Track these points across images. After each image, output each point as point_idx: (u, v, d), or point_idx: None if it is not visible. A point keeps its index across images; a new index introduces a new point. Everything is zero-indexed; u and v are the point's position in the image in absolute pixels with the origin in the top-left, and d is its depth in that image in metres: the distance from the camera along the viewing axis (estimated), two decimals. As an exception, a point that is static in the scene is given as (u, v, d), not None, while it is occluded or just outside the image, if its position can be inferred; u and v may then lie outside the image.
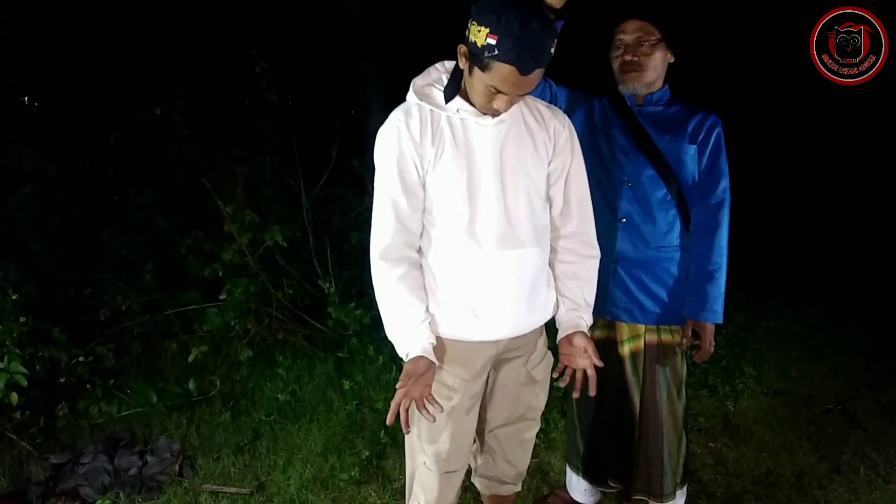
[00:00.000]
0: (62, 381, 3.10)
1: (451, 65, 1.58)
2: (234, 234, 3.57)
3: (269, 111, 3.77)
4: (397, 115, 1.57)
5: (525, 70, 1.38)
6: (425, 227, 1.61)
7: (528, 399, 1.81)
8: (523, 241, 1.60)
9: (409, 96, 1.58)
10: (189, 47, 4.49)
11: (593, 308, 1.75)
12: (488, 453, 1.89)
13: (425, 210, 1.59)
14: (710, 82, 4.00)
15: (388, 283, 1.58)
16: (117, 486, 2.57)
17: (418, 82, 1.58)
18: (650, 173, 1.95)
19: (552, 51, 1.41)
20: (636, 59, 1.91)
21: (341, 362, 3.60)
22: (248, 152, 3.88)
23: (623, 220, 1.98)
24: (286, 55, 4.49)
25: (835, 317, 4.21)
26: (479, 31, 1.37)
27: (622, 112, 1.99)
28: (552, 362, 1.82)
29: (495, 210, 1.57)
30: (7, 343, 2.76)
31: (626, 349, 2.04)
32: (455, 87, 1.55)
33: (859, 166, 5.19)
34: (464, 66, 1.48)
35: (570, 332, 1.69)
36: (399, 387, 1.50)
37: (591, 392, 1.65)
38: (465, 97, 1.53)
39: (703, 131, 1.95)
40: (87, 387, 3.17)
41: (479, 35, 1.37)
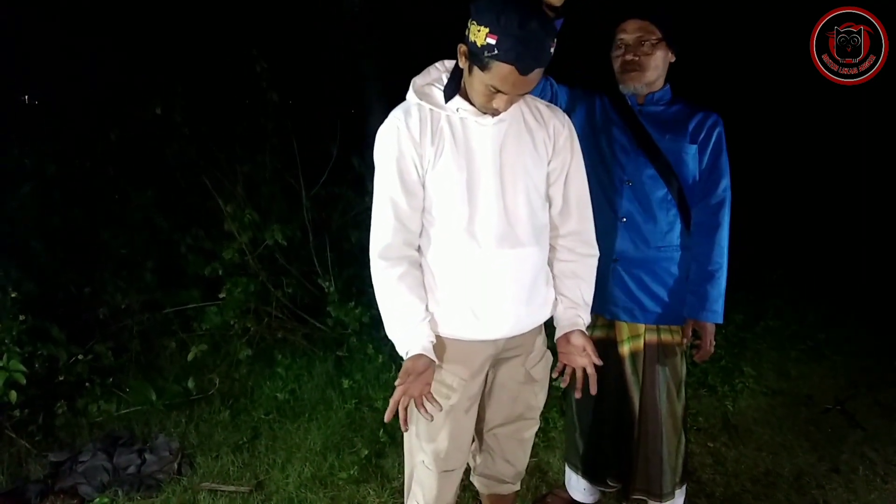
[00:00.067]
0: (61, 379, 3.11)
1: (450, 64, 1.58)
2: (234, 233, 3.58)
3: (269, 110, 3.78)
4: (397, 114, 1.57)
5: (524, 70, 1.38)
6: (425, 227, 1.61)
7: (527, 398, 1.81)
8: (522, 241, 1.60)
9: (409, 96, 1.58)
10: (189, 47, 4.48)
11: (593, 307, 1.75)
12: (487, 452, 1.89)
13: (425, 209, 1.59)
14: (710, 82, 4.00)
15: (387, 281, 1.58)
16: (116, 485, 2.58)
17: (418, 81, 1.58)
18: (651, 173, 1.95)
19: (552, 50, 1.41)
20: (637, 58, 1.91)
21: (341, 361, 3.61)
22: (248, 151, 3.88)
23: (623, 220, 1.98)
24: (286, 55, 4.48)
25: (834, 317, 4.20)
26: (478, 30, 1.38)
27: (623, 111, 1.99)
28: (551, 361, 1.82)
29: (495, 209, 1.57)
30: (6, 341, 2.77)
31: (625, 349, 2.04)
32: (455, 87, 1.55)
33: (859, 166, 5.19)
34: (463, 65, 1.48)
35: (568, 331, 1.69)
36: (398, 384, 1.50)
37: (592, 390, 1.65)
38: (465, 96, 1.53)
39: (704, 131, 1.95)
40: (87, 385, 3.18)
41: (479, 35, 1.37)
